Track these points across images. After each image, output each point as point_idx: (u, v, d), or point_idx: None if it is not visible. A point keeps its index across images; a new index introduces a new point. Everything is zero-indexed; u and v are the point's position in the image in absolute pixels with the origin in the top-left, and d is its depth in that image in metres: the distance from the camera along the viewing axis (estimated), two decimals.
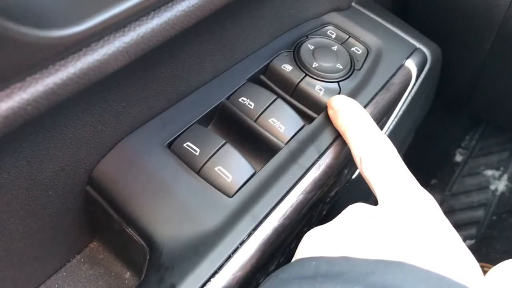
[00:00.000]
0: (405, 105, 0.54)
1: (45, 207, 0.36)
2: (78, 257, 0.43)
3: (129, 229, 0.37)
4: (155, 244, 0.36)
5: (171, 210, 0.37)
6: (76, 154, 0.36)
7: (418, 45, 0.52)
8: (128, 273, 0.42)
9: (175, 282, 0.33)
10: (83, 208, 0.40)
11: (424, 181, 1.30)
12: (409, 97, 0.53)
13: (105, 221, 0.39)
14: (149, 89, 0.38)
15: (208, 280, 0.33)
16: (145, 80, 0.37)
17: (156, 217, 0.37)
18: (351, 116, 0.40)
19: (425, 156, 1.16)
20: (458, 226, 1.22)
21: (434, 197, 0.34)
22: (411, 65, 0.50)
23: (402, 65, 0.50)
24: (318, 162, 0.41)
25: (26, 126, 0.25)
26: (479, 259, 0.31)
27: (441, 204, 1.25)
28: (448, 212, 1.24)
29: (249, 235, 0.36)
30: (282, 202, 0.38)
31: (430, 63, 0.53)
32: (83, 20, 0.22)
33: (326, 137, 0.43)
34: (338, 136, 0.43)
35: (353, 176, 0.56)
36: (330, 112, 0.43)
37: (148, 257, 0.36)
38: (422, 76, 0.53)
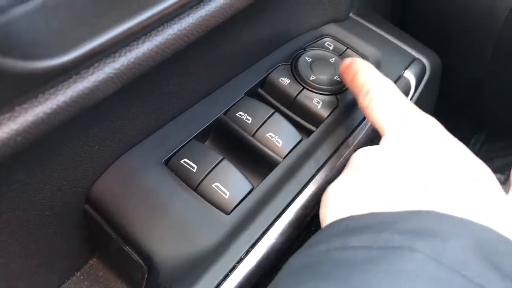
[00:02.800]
0: None
1: (43, 227, 0.36)
2: (78, 274, 0.43)
3: (127, 248, 0.37)
4: (153, 263, 0.36)
5: (168, 229, 0.37)
6: (73, 173, 0.36)
7: (417, 55, 0.52)
8: None
9: None
10: (81, 227, 0.40)
11: None
12: None
13: (104, 239, 0.39)
14: (145, 108, 0.38)
15: None
16: (141, 99, 0.37)
17: (154, 236, 0.37)
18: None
19: None
20: None
21: None
22: (409, 76, 0.50)
23: (400, 76, 0.50)
24: (316, 176, 0.41)
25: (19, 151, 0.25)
26: None
27: None
28: None
29: (247, 253, 0.36)
30: (280, 218, 0.38)
31: (429, 73, 0.52)
32: (71, 48, 0.22)
33: (325, 151, 0.43)
34: (337, 150, 0.43)
35: None
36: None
37: (146, 275, 0.36)
38: (421, 86, 0.52)
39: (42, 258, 0.39)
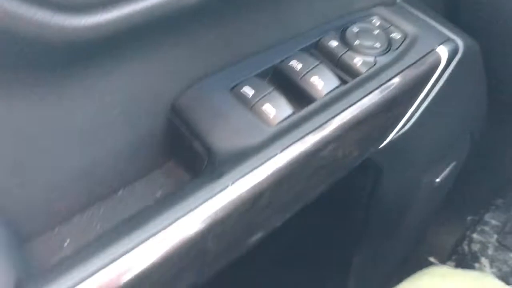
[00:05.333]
0: (434, 92, 0.62)
1: (133, 126, 0.50)
2: (155, 172, 0.56)
3: (196, 143, 0.50)
4: (213, 154, 0.48)
5: (228, 132, 0.49)
6: (163, 85, 0.49)
7: (452, 36, 0.61)
8: None
9: (224, 171, 0.45)
10: (163, 132, 0.54)
11: (487, 201, 1.31)
12: (439, 84, 0.62)
13: (181, 143, 0.52)
14: (219, 44, 0.51)
15: (250, 171, 0.45)
16: (218, 33, 0.50)
17: (218, 137, 0.49)
18: None
19: (487, 173, 1.18)
20: None
21: (499, 217, 0.43)
22: (442, 50, 0.59)
23: (433, 50, 0.59)
24: (345, 112, 0.51)
25: (126, 48, 0.38)
26: None
27: (504, 224, 1.26)
28: None
29: (282, 150, 0.47)
30: (309, 134, 0.49)
31: (462, 53, 0.61)
32: None
33: (356, 95, 0.53)
34: (367, 95, 0.53)
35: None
36: None
37: (205, 163, 0.49)
38: (453, 64, 0.61)
39: (125, 155, 0.52)
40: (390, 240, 1.02)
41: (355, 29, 0.59)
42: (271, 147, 0.47)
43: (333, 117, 0.51)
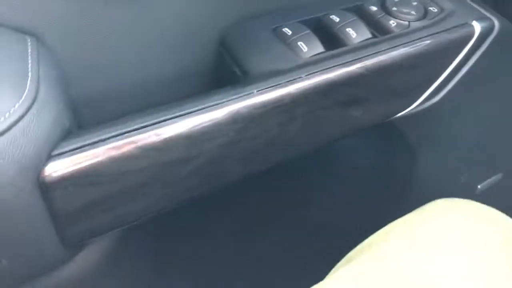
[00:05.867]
0: (466, 68, 0.66)
1: (184, 50, 0.58)
2: None
3: (237, 69, 0.57)
4: (248, 76, 0.55)
5: (264, 60, 0.56)
6: (214, 18, 0.58)
7: (489, 16, 0.65)
8: None
9: (252, 82, 0.52)
10: (210, 61, 0.62)
11: None
12: (472, 60, 0.65)
13: (224, 70, 0.60)
14: None
15: (275, 85, 0.52)
16: None
17: (254, 63, 0.56)
18: None
19: None
20: None
21: None
22: (476, 25, 0.63)
23: (467, 23, 0.63)
24: (369, 57, 0.57)
25: None
26: None
27: None
28: None
29: (306, 75, 0.53)
30: (334, 68, 0.55)
31: (497, 32, 0.65)
32: None
33: (383, 46, 0.58)
34: (392, 48, 0.58)
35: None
36: None
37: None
38: (487, 41, 0.65)
39: (175, 74, 0.60)
40: None
41: None
42: (298, 72, 0.54)
43: (359, 58, 0.56)
